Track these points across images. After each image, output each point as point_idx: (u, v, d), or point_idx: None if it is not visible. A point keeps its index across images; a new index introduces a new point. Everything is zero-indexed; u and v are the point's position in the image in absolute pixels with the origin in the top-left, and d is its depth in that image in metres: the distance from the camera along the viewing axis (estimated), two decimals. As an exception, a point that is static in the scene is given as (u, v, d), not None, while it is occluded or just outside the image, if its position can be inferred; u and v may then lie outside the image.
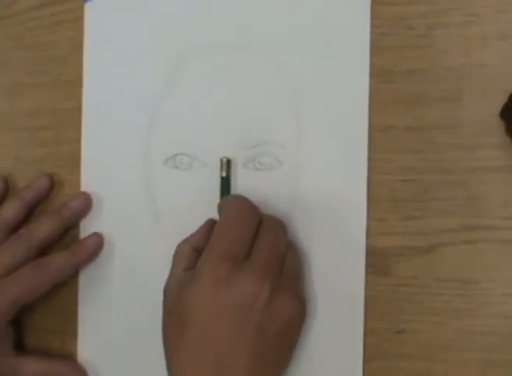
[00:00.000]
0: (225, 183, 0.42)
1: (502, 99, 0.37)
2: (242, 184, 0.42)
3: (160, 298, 0.40)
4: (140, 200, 0.44)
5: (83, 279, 0.46)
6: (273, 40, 0.42)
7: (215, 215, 0.42)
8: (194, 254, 0.39)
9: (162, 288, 0.43)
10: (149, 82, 0.45)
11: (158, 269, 0.44)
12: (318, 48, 0.41)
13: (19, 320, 0.46)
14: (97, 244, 0.45)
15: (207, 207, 0.43)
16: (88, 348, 0.46)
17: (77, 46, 0.46)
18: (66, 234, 0.46)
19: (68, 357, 0.46)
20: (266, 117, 0.42)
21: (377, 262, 0.40)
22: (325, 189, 0.41)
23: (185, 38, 0.44)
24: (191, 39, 0.44)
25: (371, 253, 0.40)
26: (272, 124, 0.42)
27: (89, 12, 0.46)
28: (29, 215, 0.47)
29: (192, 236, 0.40)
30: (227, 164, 0.42)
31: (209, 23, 0.44)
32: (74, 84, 0.46)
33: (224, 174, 0.42)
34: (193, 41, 0.44)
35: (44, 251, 0.45)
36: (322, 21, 0.41)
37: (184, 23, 0.44)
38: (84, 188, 0.46)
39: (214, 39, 0.44)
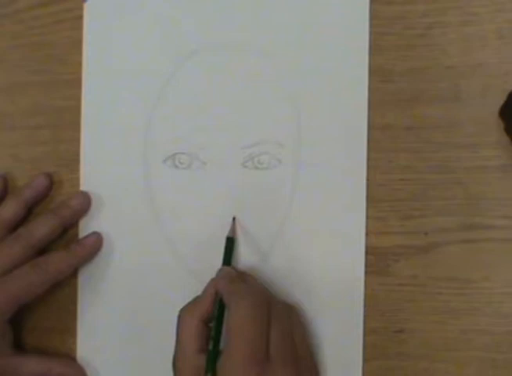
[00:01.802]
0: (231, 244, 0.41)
1: (501, 98, 0.37)
2: (241, 183, 0.42)
3: (159, 297, 0.40)
4: (139, 199, 0.44)
5: (82, 278, 0.46)
6: (273, 40, 0.42)
7: (213, 213, 0.42)
8: (203, 328, 0.38)
9: (161, 287, 0.43)
10: (148, 81, 0.45)
11: (157, 268, 0.44)
12: (317, 48, 0.41)
13: (18, 320, 0.46)
14: (96, 243, 0.45)
15: (206, 206, 0.43)
16: (87, 347, 0.46)
17: (77, 45, 0.46)
18: (66, 233, 0.46)
19: (67, 356, 0.46)
20: (265, 116, 0.42)
21: (377, 261, 0.40)
22: (324, 189, 0.41)
23: (184, 38, 0.44)
24: (190, 39, 0.44)
25: (370, 252, 0.40)
26: (272, 123, 0.42)
27: (88, 12, 0.46)
28: (28, 214, 0.47)
29: (196, 306, 0.39)
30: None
31: (208, 23, 0.44)
32: (73, 83, 0.46)
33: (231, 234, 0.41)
34: (193, 41, 0.44)
35: (43, 250, 0.45)
36: (321, 21, 0.41)
37: (183, 23, 0.44)
38: (83, 187, 0.46)
39: (214, 39, 0.44)
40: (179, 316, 0.39)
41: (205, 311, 0.38)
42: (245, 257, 0.42)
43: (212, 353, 0.37)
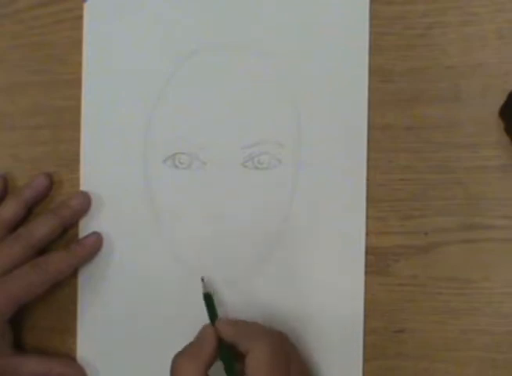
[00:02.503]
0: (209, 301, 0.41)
1: (501, 98, 0.37)
2: (241, 183, 0.42)
3: (159, 296, 0.40)
4: (139, 199, 0.44)
5: (82, 278, 0.46)
6: (273, 40, 0.42)
7: (213, 213, 0.42)
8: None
9: (161, 287, 0.43)
10: (148, 81, 0.45)
11: (157, 267, 0.44)
12: (317, 48, 0.41)
13: (18, 320, 0.46)
14: (96, 243, 0.45)
15: (206, 205, 0.43)
16: (87, 347, 0.46)
17: (77, 45, 0.46)
18: (66, 233, 0.46)
19: (67, 356, 0.46)
20: (265, 116, 0.42)
21: (377, 261, 0.40)
22: (324, 189, 0.41)
23: (184, 38, 0.44)
24: (190, 39, 0.44)
25: (371, 252, 0.40)
26: (272, 123, 0.42)
27: (88, 12, 0.46)
28: (28, 214, 0.47)
29: (194, 352, 0.37)
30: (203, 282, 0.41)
31: (208, 23, 0.44)
32: (73, 83, 0.46)
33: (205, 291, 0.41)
34: (193, 41, 0.44)
35: (43, 250, 0.45)
36: (321, 21, 0.41)
37: (183, 23, 0.44)
38: (83, 187, 0.46)
39: (214, 39, 0.44)
40: (176, 363, 0.37)
41: (208, 360, 0.37)
42: (245, 257, 0.42)
43: None
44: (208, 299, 0.41)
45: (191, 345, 0.38)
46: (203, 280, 0.41)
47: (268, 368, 0.35)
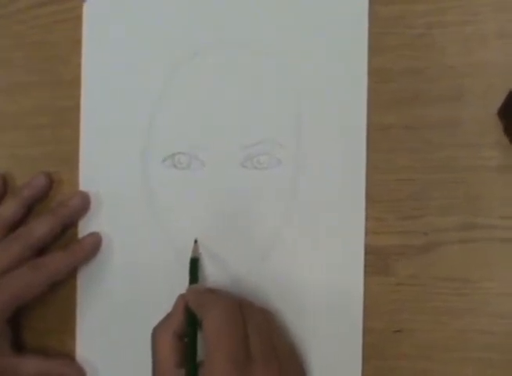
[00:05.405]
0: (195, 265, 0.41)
1: (502, 98, 0.37)
2: (240, 183, 0.42)
3: (159, 297, 0.40)
4: (138, 199, 0.44)
5: (81, 279, 0.46)
6: (273, 39, 0.42)
7: (213, 213, 0.42)
8: (178, 343, 0.38)
9: (160, 287, 0.43)
10: (147, 81, 0.45)
11: (156, 268, 0.44)
12: (317, 48, 0.41)
13: (18, 320, 0.46)
14: (95, 243, 0.45)
15: (205, 206, 0.43)
16: (86, 347, 0.46)
17: (77, 45, 0.46)
18: (65, 234, 0.46)
19: (67, 357, 0.46)
20: (265, 116, 0.42)
21: (376, 261, 0.40)
22: (323, 189, 0.41)
23: (184, 38, 0.44)
24: (190, 38, 0.44)
25: (370, 252, 0.40)
26: (271, 123, 0.42)
27: (88, 12, 0.46)
28: (28, 214, 0.47)
29: (168, 321, 0.39)
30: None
31: (208, 23, 0.44)
32: (74, 83, 0.46)
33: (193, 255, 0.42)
34: (192, 41, 0.44)
35: (41, 250, 0.45)
36: (321, 21, 0.41)
37: (183, 23, 0.44)
38: (82, 187, 0.46)
39: (214, 39, 0.44)
40: (153, 335, 0.39)
41: (178, 326, 0.38)
42: (244, 257, 0.42)
43: (190, 367, 0.37)
44: (193, 264, 0.41)
45: (167, 314, 0.40)
46: (196, 241, 0.41)
47: (219, 335, 0.35)
